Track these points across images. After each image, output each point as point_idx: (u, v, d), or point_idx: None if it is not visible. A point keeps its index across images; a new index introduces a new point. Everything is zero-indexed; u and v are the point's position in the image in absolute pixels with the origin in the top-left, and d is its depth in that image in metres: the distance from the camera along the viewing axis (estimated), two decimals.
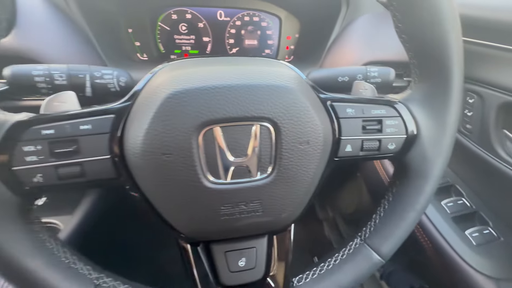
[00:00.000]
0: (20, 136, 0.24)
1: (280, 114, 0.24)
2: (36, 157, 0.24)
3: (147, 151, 0.23)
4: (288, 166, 0.25)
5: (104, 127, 0.26)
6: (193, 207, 0.25)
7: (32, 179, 0.24)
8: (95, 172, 0.26)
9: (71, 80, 0.35)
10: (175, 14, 0.70)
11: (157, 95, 0.23)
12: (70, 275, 0.28)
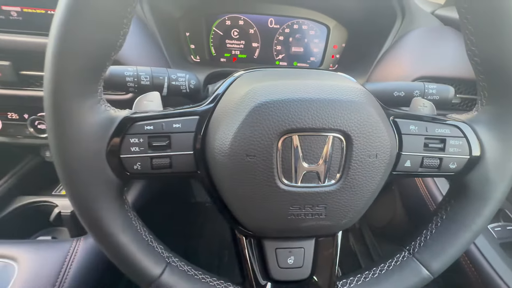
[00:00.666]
0: (128, 129, 0.28)
1: (353, 128, 0.26)
2: (138, 148, 0.28)
3: (234, 151, 0.26)
4: (355, 176, 0.27)
5: (191, 127, 0.30)
6: (264, 205, 0.28)
7: (133, 166, 0.29)
8: (179, 164, 0.30)
9: (153, 81, 0.40)
10: (229, 20, 0.74)
11: (246, 103, 0.26)
12: (149, 252, 0.32)
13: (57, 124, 0.25)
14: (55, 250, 0.52)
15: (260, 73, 0.32)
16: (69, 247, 0.53)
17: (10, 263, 0.49)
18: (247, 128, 0.25)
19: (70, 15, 0.22)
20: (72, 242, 0.54)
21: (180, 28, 0.72)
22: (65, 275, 0.49)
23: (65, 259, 0.51)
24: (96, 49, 0.25)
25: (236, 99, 0.27)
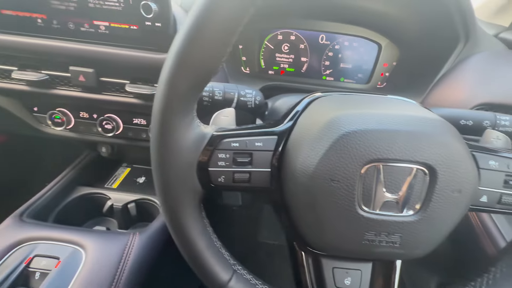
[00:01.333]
0: (217, 145, 0.31)
1: (440, 162, 0.27)
2: (224, 162, 0.31)
3: (318, 175, 0.28)
4: (435, 209, 0.28)
5: (270, 146, 0.32)
6: (339, 228, 0.29)
7: (218, 179, 0.31)
8: (257, 180, 0.32)
9: (225, 96, 0.43)
10: (281, 35, 0.77)
11: (333, 130, 0.28)
12: (219, 258, 0.35)
13: (162, 136, 0.29)
14: (116, 241, 0.57)
15: (338, 98, 0.34)
16: (127, 240, 0.58)
17: (78, 249, 0.54)
18: (334, 154, 0.27)
19: (189, 44, 0.26)
20: (129, 236, 0.59)
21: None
22: (124, 266, 0.53)
23: (124, 251, 0.55)
24: (203, 73, 0.28)
25: (320, 124, 0.29)
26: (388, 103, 0.32)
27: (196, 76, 0.27)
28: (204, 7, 0.25)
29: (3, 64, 0.58)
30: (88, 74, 0.56)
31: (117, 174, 0.93)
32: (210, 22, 0.25)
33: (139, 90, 0.56)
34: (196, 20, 0.25)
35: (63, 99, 0.63)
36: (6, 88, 0.60)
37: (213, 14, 0.25)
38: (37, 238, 0.55)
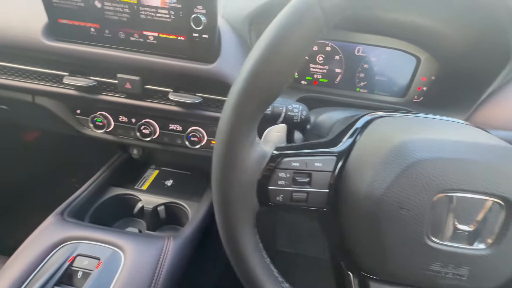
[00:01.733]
0: (278, 164, 0.31)
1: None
2: (284, 182, 0.31)
3: (386, 201, 0.27)
4: (509, 244, 0.27)
5: (329, 166, 0.32)
6: (403, 257, 0.29)
7: (276, 197, 0.32)
8: (314, 200, 0.32)
9: (273, 110, 0.44)
10: (316, 46, 0.77)
11: (404, 157, 0.27)
12: (270, 275, 0.35)
13: (227, 156, 0.29)
14: (152, 245, 0.58)
15: (404, 120, 0.33)
16: (162, 245, 0.59)
17: (117, 251, 0.56)
18: (405, 181, 0.27)
19: (260, 67, 0.26)
20: (164, 240, 0.60)
21: None
22: (160, 270, 0.54)
23: (160, 255, 0.57)
24: (271, 94, 0.28)
25: (389, 147, 0.29)
26: (457, 129, 0.31)
27: (264, 97, 0.28)
28: (277, 34, 0.25)
29: (55, 69, 0.61)
30: (134, 81, 0.58)
31: (146, 176, 0.96)
32: (281, 48, 0.25)
33: (182, 99, 0.57)
34: (269, 45, 0.26)
35: (106, 104, 0.66)
36: (56, 92, 0.63)
37: (284, 41, 0.25)
38: (79, 238, 0.57)
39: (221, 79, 0.55)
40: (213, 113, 0.60)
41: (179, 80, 0.58)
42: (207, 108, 0.61)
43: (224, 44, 0.56)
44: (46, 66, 0.61)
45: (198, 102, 0.58)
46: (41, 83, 0.63)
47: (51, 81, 0.63)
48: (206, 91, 0.59)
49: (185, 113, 0.61)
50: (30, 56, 0.60)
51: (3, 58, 0.62)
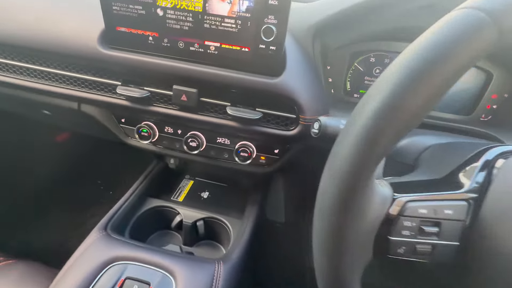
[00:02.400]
0: (403, 210, 0.26)
1: None
2: (409, 232, 0.26)
3: None
4: None
5: (461, 214, 0.27)
6: None
7: (397, 249, 0.27)
8: (441, 254, 0.27)
9: None
10: (374, 57, 0.71)
11: None
12: None
13: (347, 200, 0.25)
14: (203, 270, 0.54)
15: None
16: (213, 269, 0.55)
17: (167, 275, 0.52)
18: None
19: (406, 97, 0.21)
20: (214, 264, 0.56)
21: (322, 62, 0.72)
22: None
23: (212, 281, 0.52)
24: (404, 133, 0.23)
25: None
26: None
27: (401, 133, 0.23)
28: (431, 58, 0.21)
29: (107, 78, 0.58)
30: (190, 94, 0.55)
31: (181, 186, 0.93)
32: (436, 75, 0.21)
33: (241, 114, 0.53)
34: (419, 71, 0.21)
35: (155, 115, 0.63)
36: (106, 102, 0.60)
37: (441, 66, 0.21)
38: (127, 258, 0.53)
39: (287, 94, 0.51)
40: (272, 130, 0.56)
41: (239, 93, 0.54)
42: (266, 124, 0.56)
43: (289, 57, 0.52)
44: (98, 75, 0.59)
45: (258, 118, 0.54)
46: (91, 92, 0.60)
47: (102, 90, 0.60)
48: (266, 106, 0.55)
49: (241, 129, 0.57)
50: (83, 64, 0.58)
51: (55, 65, 0.60)
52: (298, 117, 0.53)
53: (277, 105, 0.54)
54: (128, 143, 0.72)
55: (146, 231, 0.79)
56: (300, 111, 0.52)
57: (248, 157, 0.64)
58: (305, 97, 0.51)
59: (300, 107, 0.52)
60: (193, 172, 0.98)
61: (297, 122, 0.54)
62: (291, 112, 0.54)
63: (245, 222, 0.74)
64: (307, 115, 0.52)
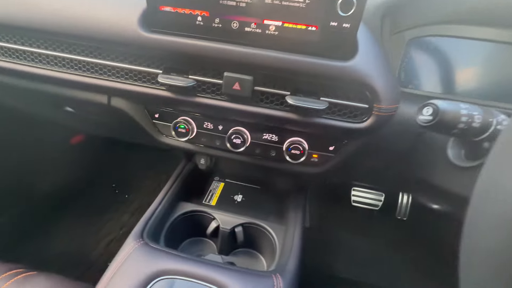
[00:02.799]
0: None
1: None
2: None
3: None
4: None
5: None
6: None
7: None
8: None
9: (482, 123, 0.32)
10: (433, 44, 0.64)
11: None
12: None
13: None
14: (261, 284, 0.46)
15: None
16: (273, 284, 0.47)
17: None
18: None
19: None
20: (272, 279, 0.48)
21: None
22: None
23: None
24: None
25: None
26: None
27: None
28: None
29: (148, 66, 0.52)
30: (244, 82, 0.48)
31: (212, 189, 0.85)
32: None
33: (304, 104, 0.46)
34: None
35: (201, 108, 0.56)
36: (144, 93, 0.54)
37: None
38: (174, 272, 0.46)
39: (361, 79, 0.43)
40: (338, 123, 0.49)
41: (301, 81, 0.47)
42: (331, 115, 0.49)
43: (361, 38, 0.45)
44: (136, 63, 0.52)
45: (323, 109, 0.46)
46: (127, 82, 0.54)
47: (139, 80, 0.53)
48: (331, 95, 0.48)
49: (301, 122, 0.50)
50: (120, 51, 0.51)
51: (88, 53, 0.53)
52: (371, 107, 0.46)
53: (345, 94, 0.47)
54: (162, 142, 0.65)
55: (178, 238, 0.72)
56: (376, 99, 0.45)
57: (300, 155, 0.57)
58: (382, 84, 0.44)
59: (376, 95, 0.45)
60: (222, 173, 0.91)
61: (370, 113, 0.47)
62: (361, 101, 0.47)
63: (291, 228, 0.66)
64: (383, 104, 0.45)
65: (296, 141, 0.57)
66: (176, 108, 0.59)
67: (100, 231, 1.23)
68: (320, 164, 0.60)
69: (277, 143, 0.59)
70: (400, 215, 1.30)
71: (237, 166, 0.89)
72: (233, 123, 0.59)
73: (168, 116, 0.61)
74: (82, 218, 1.27)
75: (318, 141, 0.57)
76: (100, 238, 1.20)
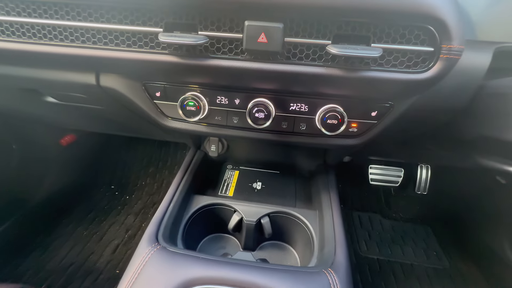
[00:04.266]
0: None
1: None
2: None
3: None
4: None
5: None
6: None
7: None
8: None
9: None
10: None
11: None
12: None
13: None
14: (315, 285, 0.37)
15: None
16: (328, 282, 0.38)
17: None
18: None
19: None
20: (325, 276, 0.39)
21: None
22: None
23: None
24: None
25: None
26: None
27: None
28: None
29: (144, 24, 0.40)
30: (273, 31, 0.37)
31: (226, 178, 0.75)
32: None
33: (354, 52, 0.36)
34: None
35: (213, 76, 0.45)
36: (141, 61, 0.42)
37: None
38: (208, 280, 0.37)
39: (427, 11, 0.33)
40: (395, 75, 0.38)
41: (345, 24, 0.36)
42: (385, 67, 0.39)
43: None
44: (128, 21, 0.40)
45: (377, 57, 0.36)
46: (119, 48, 0.42)
47: (134, 44, 0.41)
48: (386, 38, 0.37)
49: (345, 79, 0.40)
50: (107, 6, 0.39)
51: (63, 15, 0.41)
52: (438, 49, 0.36)
53: (403, 35, 0.37)
54: (168, 126, 0.54)
55: (196, 236, 0.62)
56: (445, 38, 0.35)
57: (338, 125, 0.47)
58: (454, 16, 0.34)
59: (446, 32, 0.34)
60: (235, 160, 0.81)
61: (435, 57, 0.37)
62: (425, 43, 0.36)
63: (327, 212, 0.57)
64: (455, 43, 0.35)
65: (332, 109, 0.47)
66: (181, 81, 0.48)
67: (104, 236, 1.13)
68: (360, 135, 0.51)
69: (307, 113, 0.49)
70: (420, 190, 1.24)
71: (253, 150, 0.79)
72: (253, 94, 0.48)
73: (173, 93, 0.50)
74: (83, 225, 1.16)
75: (358, 106, 0.47)
76: (105, 243, 1.11)
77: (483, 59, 0.44)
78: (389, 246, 1.12)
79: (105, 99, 0.56)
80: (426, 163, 1.21)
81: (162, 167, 1.37)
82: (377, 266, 1.02)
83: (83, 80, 0.51)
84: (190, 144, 0.76)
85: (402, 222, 1.23)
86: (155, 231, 0.47)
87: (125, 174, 1.39)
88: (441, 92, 0.47)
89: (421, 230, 1.18)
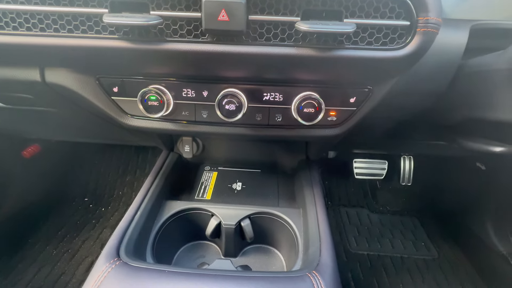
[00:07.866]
0: None
1: None
2: None
3: None
4: None
5: None
6: None
7: None
8: None
9: None
10: None
11: None
12: None
13: None
14: None
15: None
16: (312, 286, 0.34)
17: None
18: None
19: None
20: (308, 279, 0.35)
21: None
22: None
23: None
24: None
25: None
26: None
27: None
28: None
29: (86, 5, 0.34)
30: (234, 7, 0.32)
31: (203, 180, 0.70)
32: None
33: (325, 28, 0.32)
34: None
35: (166, 65, 0.40)
36: (91, 49, 0.36)
37: None
38: None
39: None
40: (371, 53, 0.35)
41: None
42: (359, 44, 0.35)
43: None
44: (68, 2, 0.35)
45: (350, 32, 0.33)
46: (60, 34, 0.36)
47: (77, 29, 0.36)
48: (359, 12, 0.34)
49: (318, 60, 0.36)
50: None
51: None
52: (414, 23, 0.33)
53: (377, 9, 0.34)
54: (128, 125, 0.48)
55: (171, 247, 0.56)
56: (422, 9, 0.32)
57: (315, 113, 0.43)
58: None
59: (422, 3, 0.32)
60: (213, 160, 0.76)
61: (412, 31, 0.34)
62: (400, 16, 0.34)
63: (311, 210, 0.53)
64: (432, 14, 0.32)
65: (308, 96, 0.43)
66: (140, 72, 0.43)
67: (76, 254, 1.03)
68: (339, 124, 0.47)
69: (282, 103, 0.45)
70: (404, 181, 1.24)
71: (232, 149, 0.74)
72: (222, 84, 0.44)
73: (132, 87, 0.45)
74: (52, 243, 1.06)
75: (336, 92, 0.44)
76: (77, 262, 1.01)
77: (460, 36, 0.42)
78: (378, 240, 1.11)
79: (55, 99, 0.49)
80: (409, 153, 1.21)
81: (140, 174, 1.29)
82: (367, 262, 0.99)
83: (26, 77, 0.44)
84: (161, 146, 0.70)
85: (389, 215, 1.22)
86: (117, 244, 0.41)
87: (100, 185, 1.29)
88: (420, 74, 0.44)
89: (409, 221, 1.18)
